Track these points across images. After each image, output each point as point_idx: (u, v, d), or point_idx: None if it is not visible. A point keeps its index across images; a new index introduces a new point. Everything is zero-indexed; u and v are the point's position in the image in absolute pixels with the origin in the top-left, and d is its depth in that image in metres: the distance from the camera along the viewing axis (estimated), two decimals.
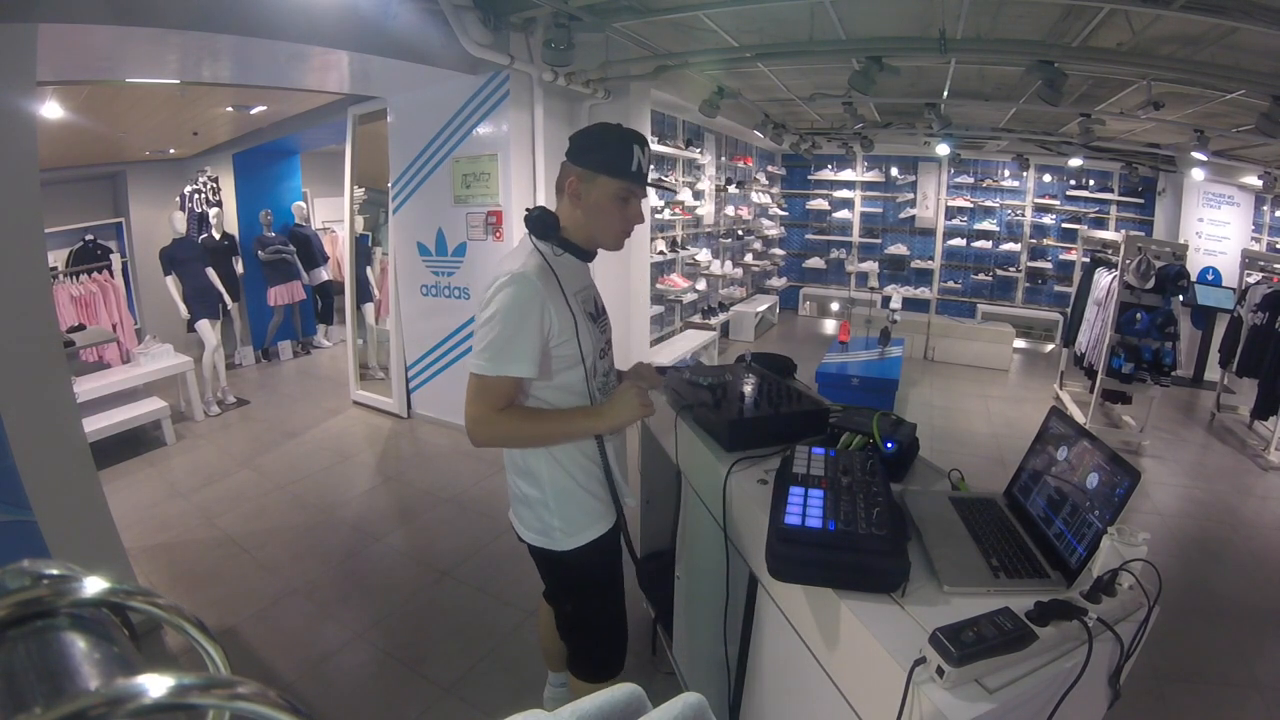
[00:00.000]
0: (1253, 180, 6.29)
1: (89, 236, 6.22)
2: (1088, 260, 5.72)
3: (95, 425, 3.79)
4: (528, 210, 1.40)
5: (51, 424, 2.15)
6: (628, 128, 1.38)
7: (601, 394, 1.46)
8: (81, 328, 4.89)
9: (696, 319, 6.76)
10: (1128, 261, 4.48)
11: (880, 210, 9.08)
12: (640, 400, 1.34)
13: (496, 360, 1.27)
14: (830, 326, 8.81)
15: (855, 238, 9.23)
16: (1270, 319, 4.63)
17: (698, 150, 6.28)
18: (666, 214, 5.87)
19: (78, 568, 0.32)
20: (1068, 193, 8.06)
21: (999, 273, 8.51)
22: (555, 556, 1.46)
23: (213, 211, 6.10)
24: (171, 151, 6.38)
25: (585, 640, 1.58)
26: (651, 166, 1.39)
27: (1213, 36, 3.00)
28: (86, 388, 4.01)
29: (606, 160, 1.34)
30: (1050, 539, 1.21)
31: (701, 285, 6.71)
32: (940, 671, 0.88)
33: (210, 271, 5.19)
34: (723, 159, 7.33)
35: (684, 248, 6.43)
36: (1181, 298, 4.67)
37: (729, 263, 7.61)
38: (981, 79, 4.48)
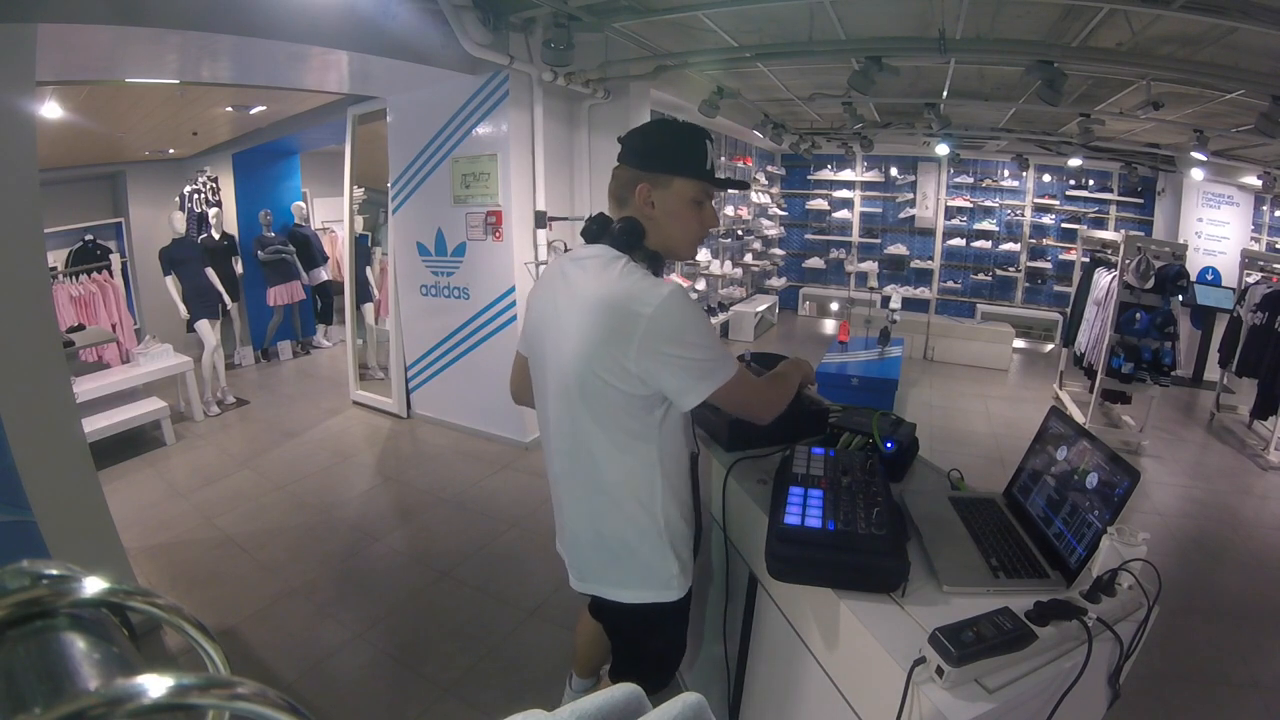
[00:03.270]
0: (1252, 180, 6.29)
1: (89, 236, 6.21)
2: (1087, 260, 5.72)
3: (95, 425, 3.79)
4: (601, 218, 1.27)
5: (51, 424, 2.15)
6: (692, 123, 1.29)
7: None
8: (81, 328, 4.89)
9: None
10: (1127, 261, 4.49)
11: (880, 210, 9.08)
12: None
13: (726, 361, 1.19)
14: (830, 326, 8.81)
15: (855, 238, 9.23)
16: (1270, 319, 4.64)
17: None
18: None
19: (77, 568, 0.32)
20: (1067, 193, 8.07)
21: (998, 273, 8.52)
22: (664, 609, 1.30)
23: (212, 211, 6.10)
24: (171, 151, 6.37)
25: (650, 668, 1.47)
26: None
27: (1212, 36, 3.01)
28: (86, 388, 4.01)
29: (681, 160, 1.21)
30: (1050, 539, 1.22)
31: (701, 285, 6.72)
32: (940, 671, 0.88)
33: (210, 271, 5.19)
34: (722, 159, 7.34)
35: None
36: (1181, 298, 4.67)
37: (728, 263, 7.62)
38: (981, 79, 4.48)
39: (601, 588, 1.33)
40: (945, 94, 4.77)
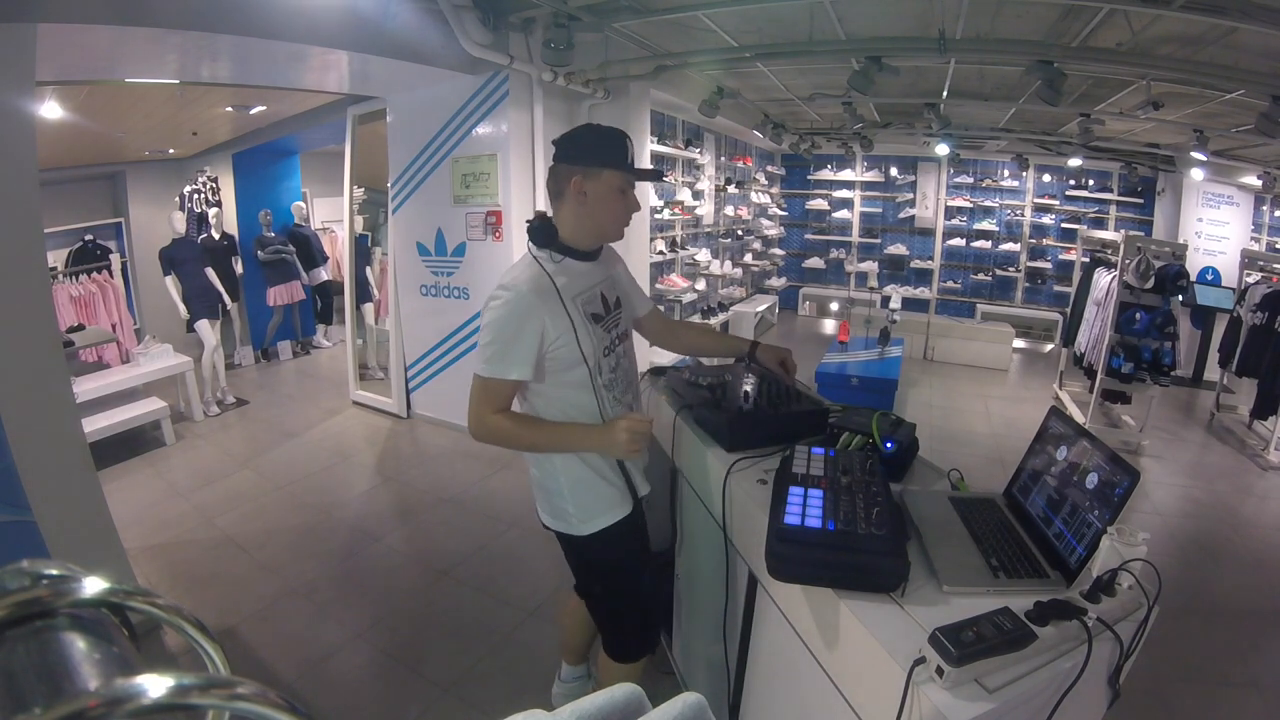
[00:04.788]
0: (1252, 180, 6.29)
1: (88, 236, 6.22)
2: (1087, 260, 5.72)
3: (95, 425, 3.79)
4: (530, 219, 1.48)
5: (51, 424, 2.15)
6: (615, 127, 1.47)
7: (609, 390, 1.52)
8: (81, 328, 4.89)
9: (696, 319, 6.76)
10: (1127, 261, 4.49)
11: (880, 210, 9.09)
12: (630, 443, 1.37)
13: (493, 363, 1.37)
14: (830, 326, 8.81)
15: (855, 238, 9.24)
16: (1269, 319, 4.64)
17: (697, 150, 6.28)
18: (666, 214, 5.87)
19: (77, 568, 0.32)
20: (1067, 193, 8.07)
21: (998, 273, 8.52)
22: (574, 541, 1.54)
23: (212, 211, 6.10)
24: (171, 151, 6.38)
25: (614, 621, 1.65)
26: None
27: (1212, 36, 3.01)
28: (86, 388, 4.01)
29: (607, 156, 1.41)
30: (1050, 539, 1.21)
31: (701, 285, 6.72)
32: (940, 671, 0.88)
33: (210, 271, 5.19)
34: (722, 159, 7.34)
35: (683, 248, 6.43)
36: (1181, 298, 4.67)
37: (728, 263, 7.62)
38: (981, 79, 4.48)
39: (536, 502, 1.59)
40: (945, 94, 4.77)
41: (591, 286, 1.50)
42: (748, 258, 8.27)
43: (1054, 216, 8.20)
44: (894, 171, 8.89)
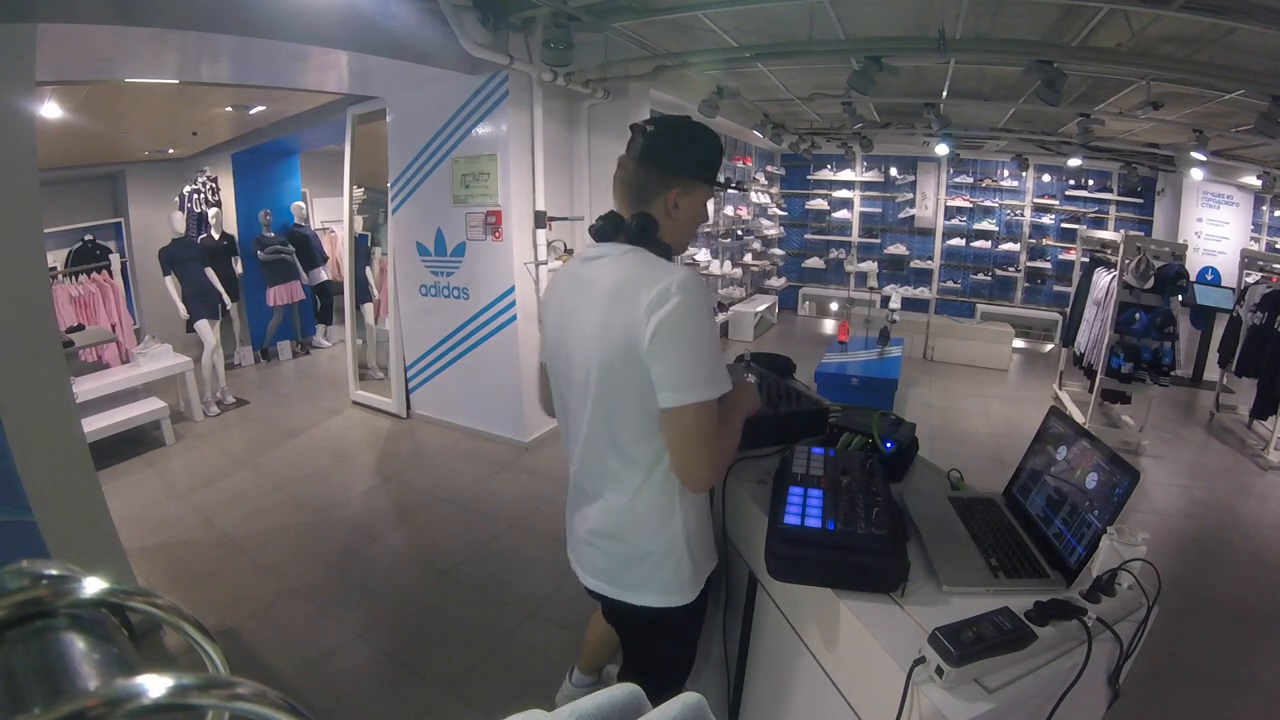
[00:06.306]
0: (1252, 180, 6.29)
1: (88, 236, 6.21)
2: (1087, 260, 5.72)
3: (95, 425, 3.79)
4: (614, 216, 1.27)
5: (51, 424, 2.15)
6: (714, 131, 1.31)
7: None
8: (81, 328, 4.89)
9: None
10: (1127, 261, 4.49)
11: (879, 210, 9.09)
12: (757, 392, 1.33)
13: (716, 379, 1.13)
14: (829, 326, 8.81)
15: (854, 238, 9.24)
16: (1269, 319, 4.64)
17: None
18: None
19: (77, 568, 0.32)
20: (1067, 193, 8.07)
21: (998, 272, 8.52)
22: (671, 614, 1.29)
23: (212, 212, 6.10)
24: (171, 151, 6.37)
25: (667, 675, 1.46)
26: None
27: (1212, 36, 3.01)
28: (86, 388, 4.01)
29: (709, 169, 1.26)
30: (1049, 539, 1.22)
31: None
32: (940, 671, 0.88)
33: (209, 272, 5.19)
34: (722, 159, 7.33)
35: None
36: (1180, 297, 4.67)
37: (728, 263, 7.62)
38: (981, 79, 4.48)
39: (611, 589, 1.31)
40: (945, 94, 4.77)
41: None
42: (747, 258, 8.27)
43: (1054, 216, 8.20)
44: (894, 171, 8.89)
